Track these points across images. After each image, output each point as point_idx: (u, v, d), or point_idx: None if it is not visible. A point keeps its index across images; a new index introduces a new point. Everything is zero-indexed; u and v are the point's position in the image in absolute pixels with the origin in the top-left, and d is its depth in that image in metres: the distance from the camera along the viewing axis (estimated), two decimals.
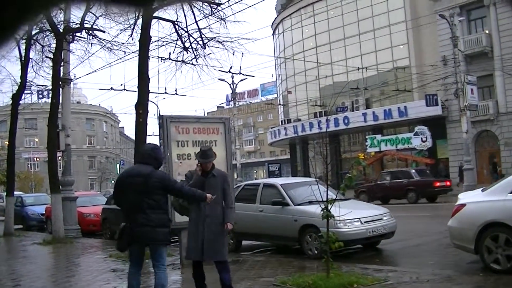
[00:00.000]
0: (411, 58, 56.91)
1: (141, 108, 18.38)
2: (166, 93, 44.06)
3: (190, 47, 21.62)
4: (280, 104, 75.91)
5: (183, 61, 22.35)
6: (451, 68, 41.45)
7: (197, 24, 21.19)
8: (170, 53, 23.52)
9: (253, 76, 50.87)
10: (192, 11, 20.62)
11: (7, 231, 27.27)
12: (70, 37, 24.45)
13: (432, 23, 50.60)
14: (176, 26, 21.20)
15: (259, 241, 17.89)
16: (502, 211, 11.05)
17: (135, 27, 21.35)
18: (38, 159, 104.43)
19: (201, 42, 21.53)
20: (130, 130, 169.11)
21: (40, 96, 48.01)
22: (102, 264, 15.79)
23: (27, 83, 29.22)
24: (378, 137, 57.84)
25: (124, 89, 41.31)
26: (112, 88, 42.75)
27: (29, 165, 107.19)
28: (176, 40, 21.75)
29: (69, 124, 24.72)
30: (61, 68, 24.36)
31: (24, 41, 26.41)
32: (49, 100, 26.88)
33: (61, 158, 25.45)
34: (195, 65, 22.25)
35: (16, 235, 26.98)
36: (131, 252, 9.06)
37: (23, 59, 27.41)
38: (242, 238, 17.55)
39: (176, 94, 44.50)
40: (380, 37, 59.57)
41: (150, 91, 19.61)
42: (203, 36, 21.39)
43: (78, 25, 24.28)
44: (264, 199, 16.66)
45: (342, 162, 63.05)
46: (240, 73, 45.70)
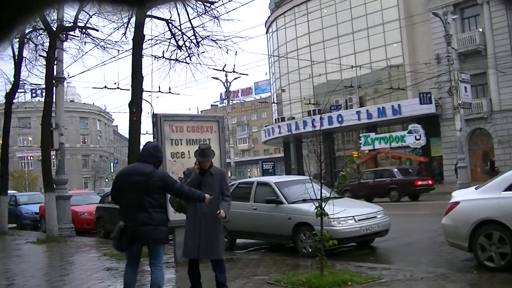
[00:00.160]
0: (404, 56, 56.97)
1: (135, 106, 18.36)
2: (160, 91, 44.09)
3: (183, 45, 21.61)
4: (274, 102, 75.87)
5: (176, 60, 22.32)
6: (444, 66, 41.47)
7: (190, 23, 21.19)
8: (164, 51, 23.48)
9: (246, 75, 51.22)
10: (186, 10, 20.59)
11: (1, 230, 27.25)
12: (64, 35, 24.40)
13: (425, 21, 50.69)
14: (170, 25, 21.19)
15: (253, 239, 17.90)
16: (496, 209, 11.07)
17: (129, 26, 21.33)
18: (31, 158, 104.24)
19: (194, 41, 21.51)
20: (123, 129, 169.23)
21: (34, 95, 47.78)
22: (96, 263, 15.77)
23: (20, 82, 29.20)
24: (372, 135, 57.83)
25: (118, 88, 41.28)
26: (105, 87, 42.75)
27: (23, 164, 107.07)
28: (170, 38, 21.75)
29: (63, 122, 24.69)
30: (55, 66, 24.32)
31: (17, 39, 26.36)
32: (43, 98, 26.84)
33: (55, 157, 25.40)
34: (188, 63, 22.23)
35: (10, 234, 26.96)
36: (130, 251, 9.03)
37: (16, 58, 27.39)
38: (236, 236, 17.56)
39: (169, 92, 44.53)
40: (374, 35, 59.62)
41: (143, 90, 19.58)
42: (196, 34, 21.37)
43: (72, 23, 24.24)
44: (258, 197, 16.65)
45: (336, 160, 63.13)
46: (233, 72, 45.80)
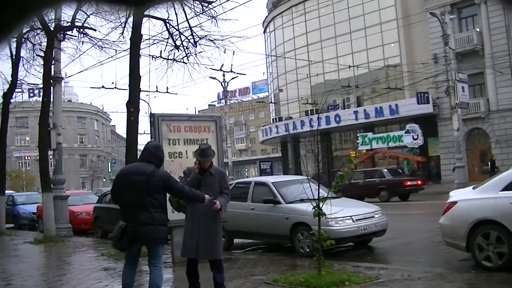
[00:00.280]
0: (402, 56, 56.97)
1: (133, 106, 18.35)
2: (158, 91, 44.07)
3: (181, 45, 21.61)
4: (271, 102, 75.88)
5: (174, 59, 22.32)
6: (442, 66, 41.46)
7: (188, 22, 21.20)
8: (161, 51, 23.53)
9: (244, 74, 51.26)
10: (183, 9, 20.59)
11: None
12: (61, 35, 24.39)
13: (423, 21, 50.63)
14: (167, 24, 21.19)
15: (251, 239, 17.90)
16: (493, 209, 11.09)
17: (126, 25, 21.34)
18: (29, 158, 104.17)
19: (192, 40, 21.52)
20: (121, 129, 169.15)
21: (31, 94, 47.80)
22: (93, 263, 15.76)
23: (18, 82, 29.13)
24: (370, 135, 57.88)
25: (115, 88, 41.26)
26: (103, 87, 42.71)
27: (20, 164, 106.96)
28: (167, 38, 21.76)
29: (60, 122, 24.66)
30: (52, 66, 24.30)
31: (15, 39, 26.33)
32: (40, 98, 26.79)
33: (52, 157, 25.37)
34: (186, 63, 22.25)
35: (7, 234, 26.92)
36: (130, 251, 9.00)
37: (14, 58, 27.36)
38: (234, 236, 17.56)
39: (167, 92, 44.54)
40: (371, 35, 59.66)
41: (141, 90, 19.59)
42: (194, 34, 21.38)
43: (69, 23, 24.25)
44: (255, 197, 16.66)
45: (334, 160, 63.12)
46: (231, 71, 45.81)
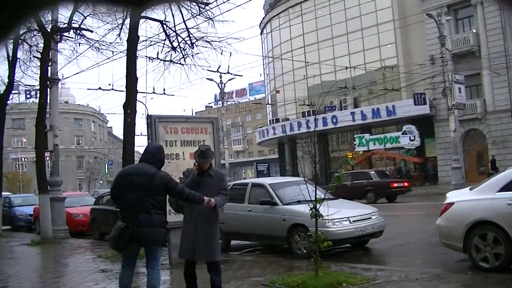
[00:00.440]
0: (399, 57, 57.00)
1: (129, 108, 18.35)
2: (154, 92, 44.09)
3: (178, 46, 21.61)
4: (268, 103, 75.93)
5: (171, 61, 22.32)
6: (439, 67, 41.50)
7: (185, 24, 21.19)
8: (158, 52, 23.49)
9: (241, 76, 50.99)
10: (180, 11, 20.59)
11: None
12: (58, 36, 24.38)
13: (419, 22, 50.70)
14: (164, 26, 21.19)
15: (248, 240, 17.90)
16: (490, 210, 11.10)
17: (123, 27, 21.33)
18: (26, 160, 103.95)
19: (189, 42, 21.52)
20: (118, 130, 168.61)
21: (28, 96, 47.82)
22: (91, 265, 15.76)
23: (14, 83, 29.14)
24: (367, 136, 57.84)
25: (112, 89, 41.20)
26: (100, 88, 42.61)
27: (17, 166, 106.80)
28: (164, 39, 21.76)
29: (57, 124, 24.63)
30: (49, 68, 24.30)
31: (11, 40, 26.29)
32: (37, 100, 26.78)
33: (49, 158, 25.34)
34: (183, 64, 22.25)
35: (4, 236, 26.86)
36: (127, 252, 8.96)
37: (10, 59, 27.33)
38: (231, 237, 17.55)
39: (164, 93, 44.50)
40: (368, 37, 59.66)
41: (138, 91, 19.62)
42: (191, 35, 21.38)
43: (66, 24, 24.24)
44: (252, 199, 16.66)
45: (331, 161, 63.12)
46: (228, 73, 45.78)
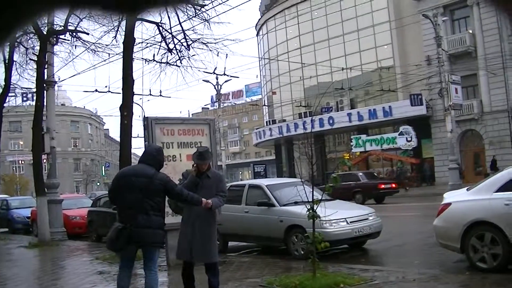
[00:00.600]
0: (395, 58, 57.09)
1: (126, 110, 18.36)
2: (151, 94, 43.97)
3: (174, 48, 21.60)
4: (265, 105, 75.93)
5: (167, 63, 22.31)
6: (435, 67, 41.51)
7: (181, 26, 21.17)
8: (154, 54, 23.45)
9: (237, 77, 51.12)
10: (176, 13, 20.54)
11: None
12: (54, 39, 24.37)
13: (415, 23, 50.70)
14: (160, 28, 21.18)
15: (245, 242, 17.91)
16: (488, 210, 11.11)
17: (119, 29, 21.34)
18: (23, 162, 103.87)
19: (185, 44, 21.50)
20: (115, 132, 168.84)
21: (25, 98, 47.60)
22: (88, 267, 15.74)
23: (11, 86, 29.07)
24: (363, 137, 57.90)
25: (109, 91, 41.14)
26: (96, 90, 42.53)
27: (14, 168, 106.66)
28: (160, 41, 21.74)
29: (54, 126, 24.62)
30: (45, 70, 24.27)
31: (7, 43, 26.27)
32: (34, 102, 26.75)
33: (46, 161, 25.33)
34: (179, 66, 22.25)
35: (1, 239, 26.90)
36: (124, 254, 8.94)
37: (7, 62, 27.28)
38: (228, 239, 17.55)
39: (160, 95, 44.45)
40: (364, 38, 59.70)
41: (134, 93, 19.61)
42: (187, 37, 21.38)
43: (62, 27, 24.21)
44: (249, 200, 16.67)
45: (328, 162, 63.14)
46: (224, 74, 45.68)
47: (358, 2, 59.88)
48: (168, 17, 21.17)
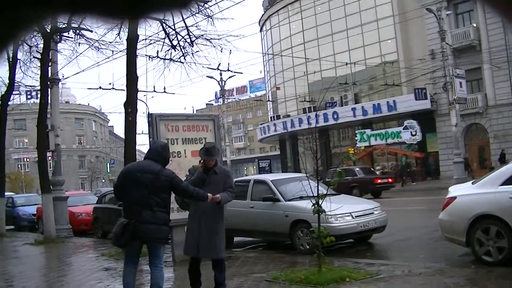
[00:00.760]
0: (399, 52, 56.94)
1: (130, 106, 18.34)
2: (155, 91, 44.09)
3: (177, 45, 21.55)
4: (269, 100, 75.88)
5: (171, 59, 22.27)
6: (439, 61, 41.43)
7: (184, 22, 21.13)
8: (158, 51, 23.42)
9: (241, 73, 50.98)
10: (183, 10, 20.54)
11: None
12: (58, 37, 24.38)
13: (419, 17, 50.60)
14: (164, 25, 21.13)
15: (250, 237, 17.92)
16: (493, 204, 11.10)
17: (123, 26, 21.31)
18: (28, 160, 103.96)
19: (188, 40, 21.45)
20: (119, 129, 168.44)
21: (29, 96, 47.72)
22: (94, 263, 15.77)
23: (15, 84, 29.10)
24: (368, 131, 57.86)
25: (113, 88, 41.17)
26: (100, 87, 42.58)
27: (19, 166, 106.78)
28: (164, 38, 21.70)
29: (58, 124, 24.66)
30: (49, 68, 24.30)
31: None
32: (38, 100, 26.77)
33: (51, 158, 25.35)
34: (183, 63, 22.19)
35: (7, 236, 26.92)
36: (129, 250, 8.94)
37: (11, 60, 27.29)
38: (233, 234, 17.54)
39: (164, 92, 44.45)
40: (368, 32, 59.59)
41: (138, 90, 19.59)
42: (190, 33, 21.32)
43: (65, 25, 24.20)
44: (255, 195, 16.67)
45: (332, 157, 63.08)
46: (228, 70, 45.64)
47: None
48: (172, 14, 21.15)
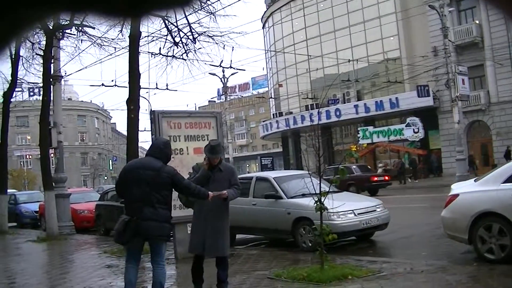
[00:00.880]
0: (401, 49, 56.89)
1: (133, 104, 18.35)
2: (157, 88, 43.96)
3: (180, 42, 21.53)
4: (271, 97, 75.84)
5: (173, 56, 22.26)
6: (441, 58, 41.34)
7: (186, 19, 21.10)
8: (161, 48, 23.39)
9: (244, 70, 50.89)
10: (186, 7, 20.52)
11: (1, 229, 27.27)
12: (60, 34, 24.37)
13: (421, 14, 50.50)
14: (166, 21, 21.11)
15: (253, 234, 17.91)
16: (495, 201, 11.08)
17: (125, 23, 21.29)
18: (30, 157, 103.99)
19: (191, 37, 21.44)
20: (122, 126, 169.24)
21: (31, 93, 47.70)
22: (96, 260, 15.79)
23: (18, 81, 29.12)
24: (370, 128, 57.81)
25: (115, 85, 41.15)
26: (103, 84, 42.56)
27: (22, 163, 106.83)
28: (166, 35, 21.67)
29: (61, 121, 24.64)
30: (52, 65, 24.29)
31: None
32: (40, 97, 26.78)
33: (54, 155, 25.41)
34: (185, 59, 22.19)
35: (10, 233, 26.98)
36: (131, 247, 8.93)
37: (13, 57, 27.29)
38: (236, 231, 17.54)
39: (167, 89, 44.41)
40: (370, 29, 59.56)
41: (141, 87, 19.59)
42: (193, 30, 21.30)
43: (68, 22, 24.17)
44: (257, 193, 16.66)
45: (335, 154, 62.97)
46: (231, 67, 45.64)
47: None
48: (174, 11, 21.14)
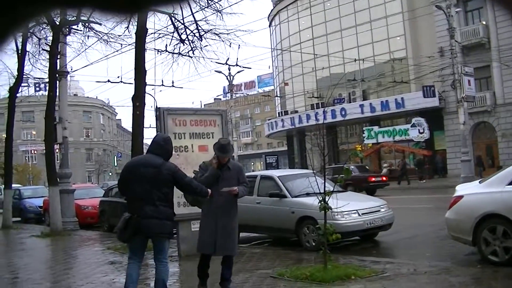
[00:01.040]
0: (407, 49, 56.81)
1: (138, 100, 18.35)
2: (163, 85, 44.09)
3: (186, 39, 21.53)
4: (277, 96, 75.93)
5: (179, 53, 22.26)
6: (448, 59, 41.30)
7: (193, 16, 21.12)
8: (167, 45, 23.45)
9: (250, 68, 51.11)
10: (188, 3, 20.45)
11: (5, 223, 27.32)
12: (67, 29, 24.39)
13: (428, 14, 50.43)
14: (173, 18, 21.11)
15: (256, 233, 17.89)
16: (500, 203, 11.06)
17: (131, 20, 21.30)
18: (35, 152, 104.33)
19: (197, 34, 21.43)
20: (127, 123, 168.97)
21: (37, 89, 47.72)
22: (100, 257, 15.80)
23: (24, 76, 29.14)
24: (375, 128, 57.74)
25: (121, 82, 41.26)
26: (109, 81, 42.66)
27: (27, 158, 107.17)
28: (173, 32, 21.67)
29: (66, 116, 24.70)
30: (58, 60, 24.33)
31: (20, 34, 26.32)
32: (46, 92, 26.82)
33: (59, 151, 25.42)
34: (191, 57, 22.18)
35: (14, 228, 27.03)
36: (133, 244, 8.88)
37: (19, 52, 27.34)
38: (239, 230, 17.53)
39: (173, 86, 44.52)
40: (377, 29, 59.51)
41: (147, 84, 19.58)
42: (199, 28, 21.30)
43: (75, 17, 24.21)
44: (261, 191, 16.65)
45: (340, 153, 62.97)
46: (237, 65, 45.73)
47: None
48: (181, 8, 21.07)
